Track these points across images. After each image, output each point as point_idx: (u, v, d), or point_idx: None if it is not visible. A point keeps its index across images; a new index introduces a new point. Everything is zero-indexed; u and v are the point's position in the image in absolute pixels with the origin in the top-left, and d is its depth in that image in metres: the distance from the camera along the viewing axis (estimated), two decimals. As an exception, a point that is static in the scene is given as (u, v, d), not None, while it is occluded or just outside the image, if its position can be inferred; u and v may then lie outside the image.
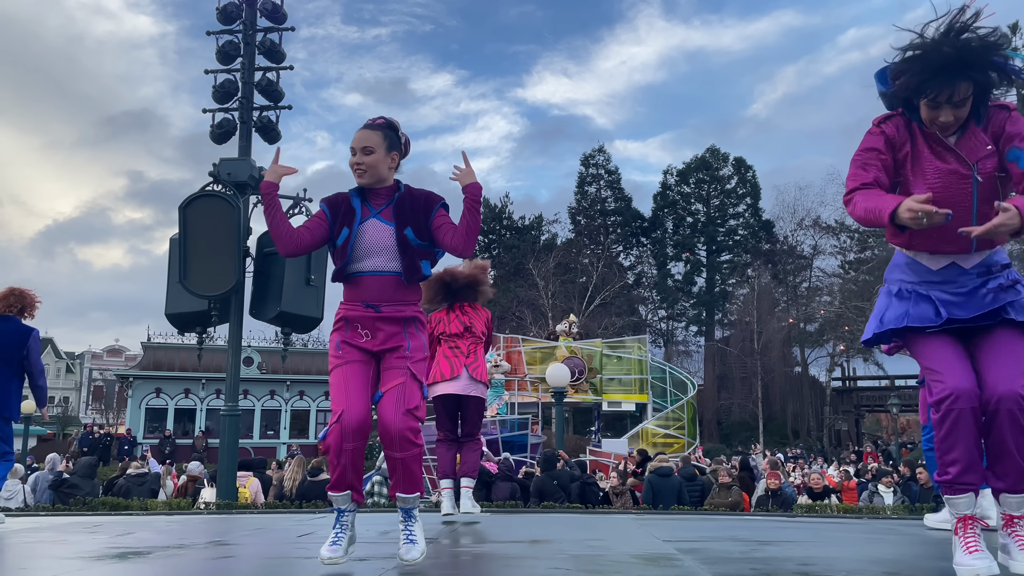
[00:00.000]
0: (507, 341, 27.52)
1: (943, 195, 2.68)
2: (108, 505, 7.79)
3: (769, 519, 6.93)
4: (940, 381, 2.66)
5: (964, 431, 2.61)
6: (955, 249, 2.77)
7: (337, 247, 3.33)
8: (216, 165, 10.07)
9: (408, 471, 3.19)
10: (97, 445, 23.93)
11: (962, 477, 2.64)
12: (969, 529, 2.66)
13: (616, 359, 27.08)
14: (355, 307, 3.31)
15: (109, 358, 62.72)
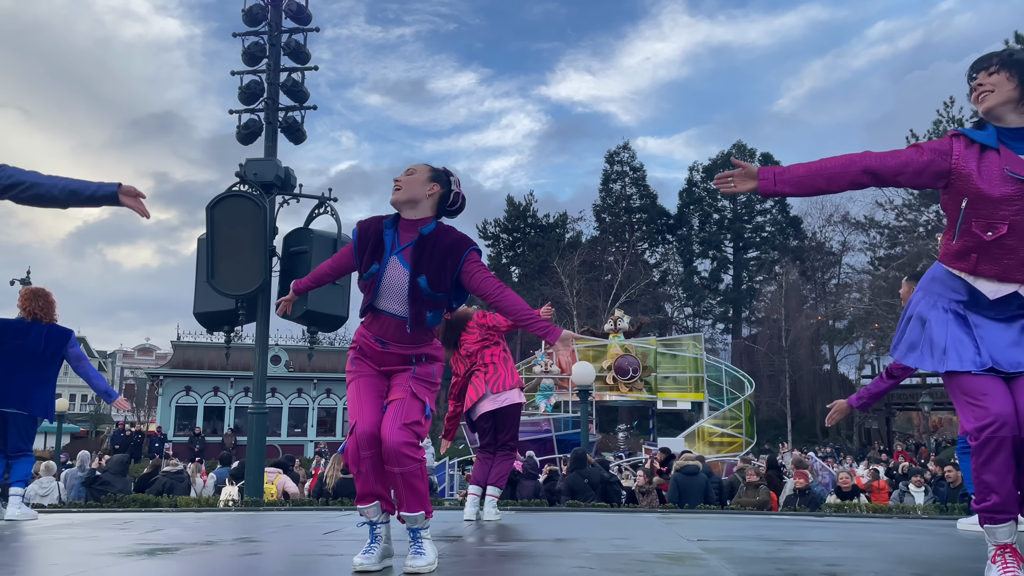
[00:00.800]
0: None
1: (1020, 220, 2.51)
2: (139, 502, 7.90)
3: (797, 519, 6.86)
4: (982, 407, 2.53)
5: (1005, 459, 2.51)
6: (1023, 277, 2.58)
7: (365, 281, 3.32)
8: (242, 166, 10.16)
9: (409, 486, 3.12)
10: (129, 442, 24.31)
11: (1001, 507, 2.54)
12: (1009, 557, 2.56)
13: (671, 357, 26.74)
14: (367, 339, 3.35)
15: (140, 357, 63.72)
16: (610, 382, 25.14)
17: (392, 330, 3.29)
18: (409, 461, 3.09)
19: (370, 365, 3.34)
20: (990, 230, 2.55)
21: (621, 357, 25.18)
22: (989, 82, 2.66)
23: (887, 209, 42.53)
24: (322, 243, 9.67)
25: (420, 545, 3.13)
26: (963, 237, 2.63)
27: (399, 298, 3.26)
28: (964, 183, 2.58)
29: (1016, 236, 2.53)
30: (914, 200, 40.97)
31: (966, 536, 4.85)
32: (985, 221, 2.55)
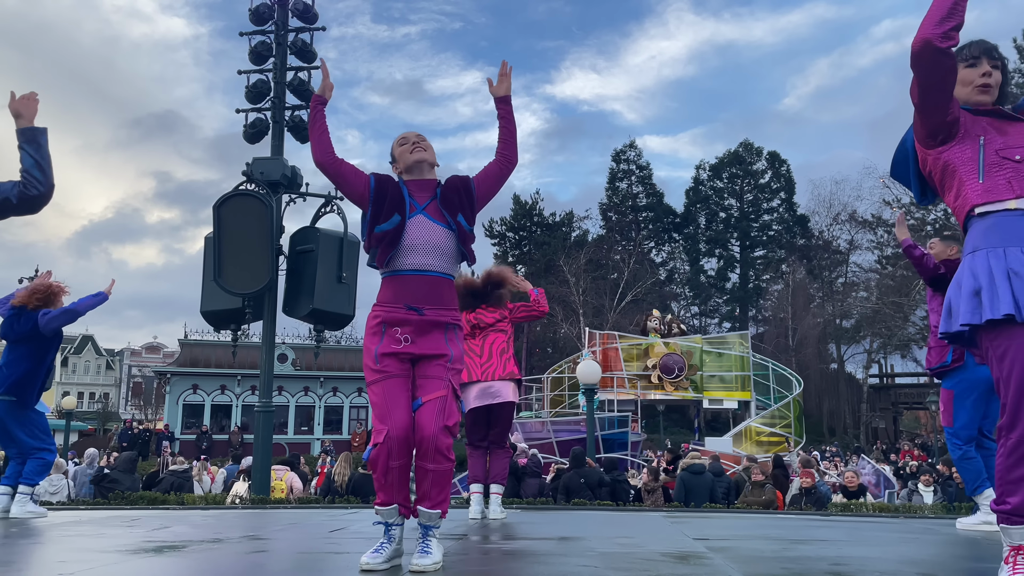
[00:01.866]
0: (603, 338, 27.13)
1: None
2: (146, 499, 7.94)
3: (803, 518, 6.85)
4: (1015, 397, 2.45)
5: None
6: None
7: (387, 231, 3.22)
8: (249, 164, 10.20)
9: (437, 485, 3.14)
10: (136, 440, 24.40)
11: (1021, 510, 2.47)
12: (1021, 560, 2.50)
13: (717, 355, 26.50)
14: (396, 309, 3.21)
15: (148, 355, 64.02)
16: (655, 381, 24.98)
17: (427, 291, 3.22)
18: (445, 461, 3.13)
19: (397, 361, 3.20)
20: (1018, 154, 2.65)
21: (667, 356, 25.02)
22: (995, 77, 2.78)
23: (895, 207, 42.35)
24: (328, 242, 9.70)
25: (428, 544, 3.13)
26: (992, 172, 2.66)
27: (437, 252, 3.25)
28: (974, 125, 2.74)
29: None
30: (922, 198, 40.69)
31: (971, 536, 4.83)
32: (1010, 149, 2.66)
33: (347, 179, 3.36)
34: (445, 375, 3.20)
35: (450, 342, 3.27)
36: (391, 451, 3.09)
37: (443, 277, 3.28)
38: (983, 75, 2.77)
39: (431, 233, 3.26)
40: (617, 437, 20.23)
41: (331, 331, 12.43)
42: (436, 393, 3.15)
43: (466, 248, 3.33)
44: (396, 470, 3.12)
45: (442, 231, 3.28)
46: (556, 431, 20.73)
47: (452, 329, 3.29)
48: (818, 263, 46.88)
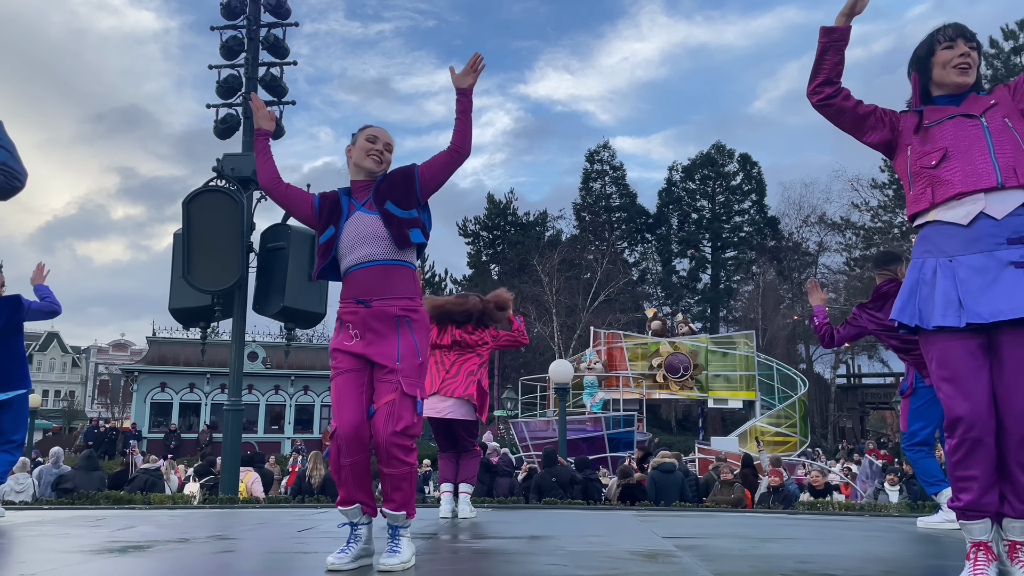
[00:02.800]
0: (608, 337, 27.03)
1: (955, 142, 2.71)
2: (111, 499, 7.82)
3: (770, 516, 6.92)
4: (955, 402, 2.51)
5: (980, 458, 2.49)
6: (982, 184, 2.62)
7: (321, 244, 3.35)
8: (220, 160, 10.08)
9: (396, 487, 3.13)
10: (103, 439, 24.03)
11: (976, 503, 2.52)
12: (981, 556, 2.54)
13: (721, 355, 26.36)
14: (347, 305, 3.27)
15: (115, 352, 63.05)
16: (660, 380, 24.92)
17: (372, 281, 3.22)
18: (400, 464, 3.10)
19: (350, 356, 3.20)
20: (933, 158, 2.75)
21: (672, 355, 24.84)
22: (974, 57, 2.83)
23: (863, 210, 43.01)
24: (300, 239, 9.62)
25: (397, 543, 3.12)
26: (918, 178, 2.80)
27: (372, 242, 3.26)
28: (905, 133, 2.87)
29: (956, 156, 2.71)
30: (889, 202, 41.46)
31: (934, 535, 4.92)
32: (927, 154, 2.77)
33: (293, 201, 3.49)
34: (394, 379, 3.15)
35: (401, 336, 3.20)
36: (341, 448, 3.11)
37: (386, 264, 3.25)
38: (961, 55, 2.80)
39: (364, 225, 3.29)
40: (623, 436, 20.21)
41: (302, 329, 12.35)
42: (385, 398, 3.14)
43: (397, 231, 3.26)
44: (348, 467, 3.12)
45: (375, 219, 3.30)
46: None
47: (404, 321, 3.22)
48: (788, 264, 47.42)
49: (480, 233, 52.59)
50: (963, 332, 2.56)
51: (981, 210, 2.62)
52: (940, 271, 2.65)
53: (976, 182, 2.63)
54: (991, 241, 2.60)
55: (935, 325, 2.58)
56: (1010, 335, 2.53)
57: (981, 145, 2.68)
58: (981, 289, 2.55)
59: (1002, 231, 2.60)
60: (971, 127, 2.73)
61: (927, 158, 2.75)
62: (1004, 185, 2.61)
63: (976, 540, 2.57)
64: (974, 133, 2.71)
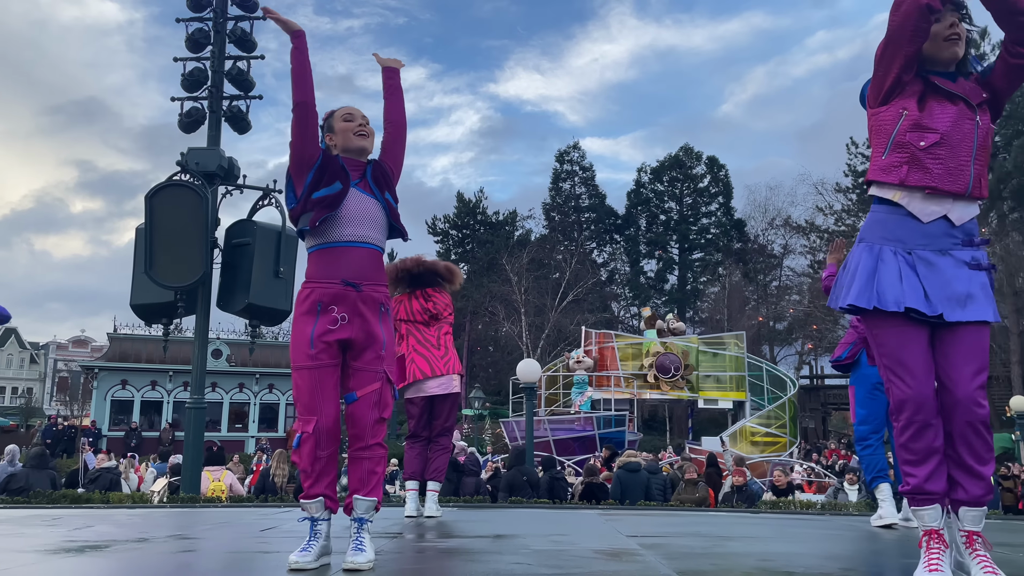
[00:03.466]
0: (599, 336, 26.86)
1: (951, 131, 2.65)
2: (69, 498, 7.67)
3: (733, 515, 7.00)
4: (903, 384, 2.56)
5: (928, 440, 2.54)
6: (956, 187, 2.62)
7: (328, 196, 3.16)
8: (184, 154, 9.93)
9: (373, 472, 3.15)
10: (61, 437, 23.54)
11: (925, 486, 2.56)
12: (933, 544, 2.55)
13: (712, 355, 26.37)
14: (332, 285, 3.13)
15: (74, 349, 61.81)
16: (651, 380, 24.88)
17: (364, 264, 3.19)
18: (379, 448, 3.16)
19: (330, 350, 3.12)
20: (926, 139, 2.65)
21: (663, 355, 24.79)
22: (962, 29, 2.74)
23: (827, 214, 43.72)
24: (266, 235, 9.51)
25: (361, 540, 3.08)
26: (895, 150, 2.71)
27: (374, 224, 3.25)
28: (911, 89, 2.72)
29: (947, 146, 2.64)
30: (852, 206, 42.18)
31: (893, 533, 5.01)
32: (923, 131, 2.66)
33: (311, 133, 3.26)
34: (380, 366, 3.18)
35: (383, 323, 3.24)
36: (319, 441, 3.07)
37: (379, 251, 3.29)
38: (950, 26, 2.72)
39: (367, 205, 3.26)
40: (614, 436, 20.22)
41: (267, 327, 12.20)
42: (371, 386, 3.15)
43: (398, 223, 3.36)
44: (324, 459, 3.10)
45: (376, 204, 3.30)
46: (553, 430, 20.64)
47: (385, 311, 3.27)
48: (753, 266, 48.03)
49: (449, 232, 52.50)
50: (915, 321, 2.61)
51: (944, 214, 2.66)
52: (901, 259, 2.65)
53: (952, 183, 2.64)
54: (948, 240, 2.66)
55: (905, 307, 2.58)
56: (957, 329, 2.60)
57: (968, 145, 2.66)
58: (940, 285, 2.60)
59: (958, 232, 2.68)
60: (967, 120, 2.68)
61: (919, 135, 2.66)
62: (971, 195, 2.66)
63: (927, 527, 2.58)
64: (968, 128, 2.67)
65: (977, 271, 2.65)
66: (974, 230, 2.70)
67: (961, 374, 2.56)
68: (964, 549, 2.60)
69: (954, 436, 2.56)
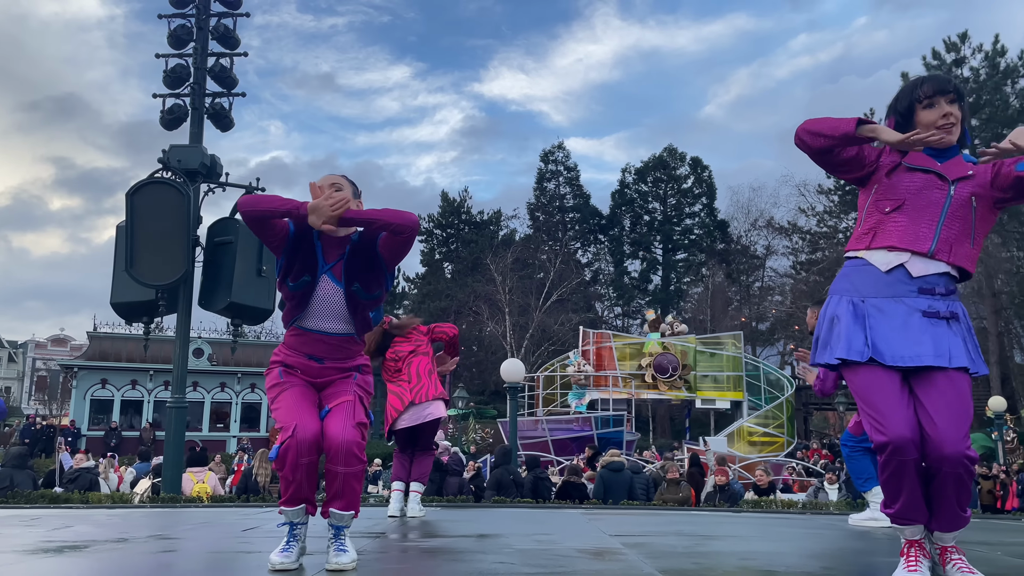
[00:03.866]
0: (597, 337, 26.67)
1: (915, 199, 2.72)
2: (47, 498, 7.59)
3: (716, 514, 7.04)
4: (881, 427, 2.57)
5: (908, 478, 2.58)
6: (916, 247, 2.71)
7: (292, 291, 3.20)
8: (166, 152, 9.85)
9: (349, 487, 3.12)
10: (39, 437, 23.28)
11: (907, 514, 2.65)
12: (913, 551, 2.68)
13: (710, 355, 26.17)
14: (296, 356, 3.29)
15: (54, 347, 61.09)
16: (649, 380, 24.74)
17: (328, 348, 3.27)
18: (356, 461, 3.11)
19: (300, 377, 3.27)
20: (888, 205, 2.77)
21: (660, 355, 24.60)
22: (955, 114, 2.76)
23: (809, 215, 44.04)
24: (248, 234, 9.44)
25: (342, 542, 3.10)
26: (868, 218, 2.84)
27: (336, 316, 3.25)
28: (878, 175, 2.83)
29: (908, 211, 2.74)
30: (834, 207, 42.50)
31: (873, 532, 5.05)
32: (886, 200, 2.78)
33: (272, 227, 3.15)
34: (351, 386, 3.25)
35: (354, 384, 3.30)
36: (300, 448, 3.04)
37: (345, 337, 3.30)
38: (944, 116, 2.74)
39: (330, 297, 3.23)
40: (612, 436, 20.17)
41: (249, 325, 12.11)
42: (343, 398, 3.18)
43: (361, 316, 3.25)
44: (305, 466, 3.08)
45: (340, 296, 3.24)
46: (552, 430, 20.58)
47: (356, 370, 3.35)
48: (736, 267, 48.28)
49: (434, 231, 52.41)
50: (882, 366, 2.65)
51: (902, 263, 2.72)
52: (853, 309, 2.74)
53: (911, 243, 2.71)
54: (903, 288, 2.72)
55: (837, 357, 2.68)
56: (922, 378, 2.63)
57: (935, 211, 2.72)
58: (891, 331, 2.66)
59: (915, 283, 2.72)
60: (936, 190, 2.74)
61: (884, 203, 2.78)
62: (934, 256, 2.71)
63: (909, 539, 2.70)
64: (936, 197, 2.73)
65: (935, 319, 2.67)
66: (937, 284, 2.72)
67: (941, 427, 2.55)
68: (939, 561, 2.72)
69: (938, 483, 2.59)
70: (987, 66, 37.03)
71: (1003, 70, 36.98)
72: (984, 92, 36.25)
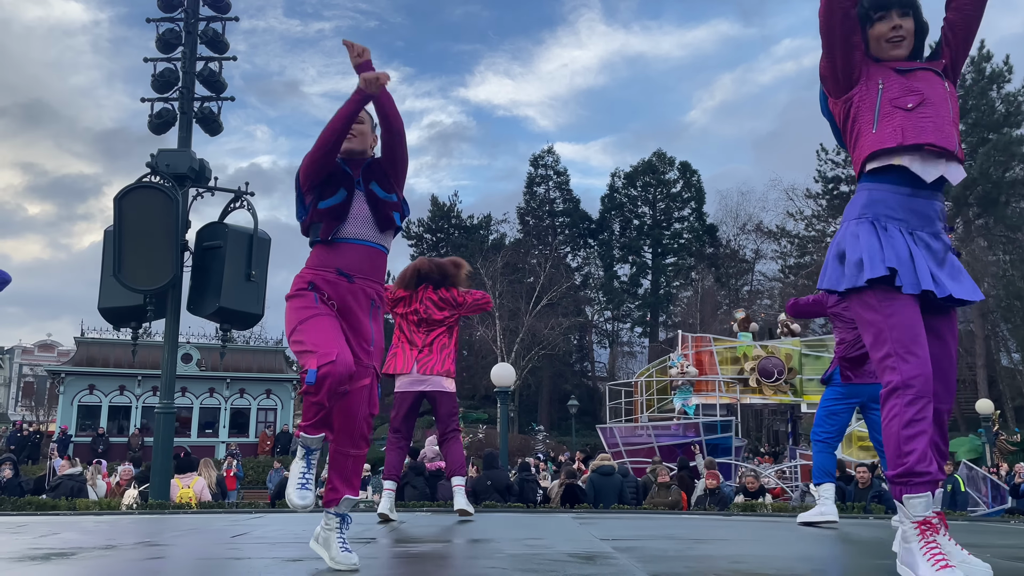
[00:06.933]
0: (696, 341, 26.26)
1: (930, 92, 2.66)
2: (34, 505, 7.52)
3: (706, 518, 7.04)
4: (916, 361, 2.47)
5: (928, 415, 2.47)
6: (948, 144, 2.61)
7: (335, 205, 3.23)
8: (154, 156, 9.80)
9: (357, 471, 3.19)
10: (26, 443, 23.11)
11: (919, 466, 2.42)
12: (931, 537, 2.41)
13: (815, 358, 25.73)
14: (326, 272, 3.19)
15: (40, 353, 60.67)
16: (753, 384, 24.14)
17: (360, 260, 3.23)
18: (366, 446, 3.19)
19: (328, 306, 3.14)
20: (911, 100, 2.65)
21: (765, 359, 23.84)
22: (906, 27, 2.72)
23: (798, 220, 44.29)
24: (237, 238, 9.42)
25: (345, 540, 3.11)
26: (884, 119, 2.67)
27: (367, 223, 3.27)
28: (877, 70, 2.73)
29: (931, 105, 2.65)
30: (822, 211, 42.76)
31: (863, 534, 5.07)
32: (906, 95, 2.66)
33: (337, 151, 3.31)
34: (368, 360, 3.19)
35: (374, 320, 3.26)
36: (341, 377, 2.90)
37: (378, 248, 3.31)
38: (893, 28, 2.70)
39: (362, 205, 3.31)
40: (720, 442, 19.87)
41: (238, 330, 12.07)
42: (362, 381, 3.13)
43: (381, 213, 3.30)
44: (341, 395, 2.95)
45: (362, 199, 3.32)
46: (658, 436, 20.26)
47: (376, 308, 3.29)
48: (725, 271, 48.46)
49: (424, 235, 52.38)
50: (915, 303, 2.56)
51: (942, 175, 2.63)
52: (909, 239, 2.61)
53: (945, 140, 2.62)
54: (938, 224, 2.69)
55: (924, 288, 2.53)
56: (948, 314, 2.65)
57: (947, 106, 2.66)
58: (938, 267, 2.60)
59: (940, 217, 2.69)
60: (938, 84, 2.69)
61: (904, 99, 2.64)
62: (957, 156, 2.66)
63: (918, 517, 2.45)
64: (941, 91, 2.68)
65: (953, 254, 2.70)
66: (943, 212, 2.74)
67: (952, 360, 2.59)
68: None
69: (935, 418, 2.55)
70: (973, 71, 37.36)
71: (989, 75, 37.35)
72: (970, 97, 36.57)
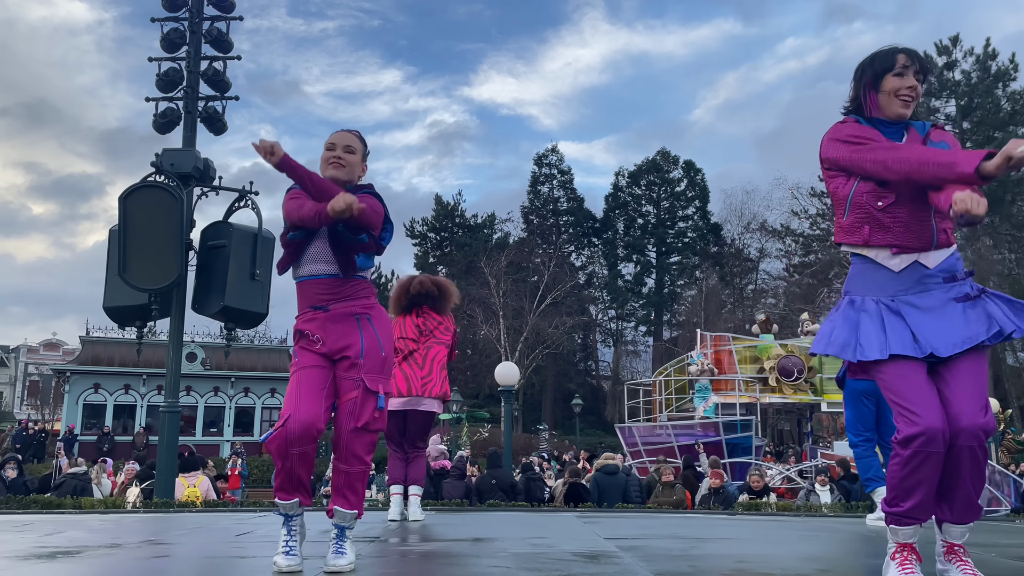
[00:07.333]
0: (715, 340, 25.93)
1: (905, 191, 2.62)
2: (40, 503, 7.53)
3: (710, 517, 7.04)
4: (914, 417, 2.51)
5: (930, 472, 2.52)
6: (919, 244, 2.64)
7: (294, 241, 3.25)
8: (159, 155, 9.82)
9: (351, 486, 3.14)
10: (32, 442, 23.18)
11: (914, 512, 2.57)
12: (906, 553, 2.61)
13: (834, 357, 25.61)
14: (305, 314, 3.26)
15: (46, 352, 60.80)
16: (773, 383, 23.92)
17: (325, 291, 3.22)
18: (358, 463, 3.11)
19: (314, 354, 3.18)
20: (882, 200, 2.65)
21: (785, 358, 23.70)
22: (918, 88, 2.73)
23: (802, 218, 44.16)
24: (242, 237, 9.42)
25: (342, 545, 3.10)
26: (854, 211, 2.70)
27: (325, 257, 3.23)
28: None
29: (904, 204, 2.63)
30: (827, 210, 42.61)
31: (867, 533, 5.06)
32: (875, 194, 2.65)
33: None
34: (356, 375, 3.15)
35: (363, 331, 3.21)
36: (290, 437, 3.00)
37: (335, 278, 3.24)
38: (909, 87, 2.71)
39: (320, 241, 3.25)
40: (741, 441, 19.74)
41: (243, 330, 12.12)
42: (348, 395, 3.14)
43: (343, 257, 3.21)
44: (297, 456, 3.03)
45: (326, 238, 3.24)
46: (677, 435, 20.17)
47: (364, 318, 3.25)
48: (730, 270, 48.35)
49: (428, 235, 52.40)
50: (913, 359, 2.60)
51: (915, 260, 2.66)
52: (883, 307, 2.66)
53: (914, 240, 2.64)
54: (929, 281, 2.67)
55: (891, 354, 2.58)
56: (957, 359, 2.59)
57: (925, 200, 2.61)
58: (930, 324, 2.60)
59: (936, 273, 2.67)
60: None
61: (876, 196, 2.66)
62: (937, 247, 2.66)
63: (903, 542, 2.62)
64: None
65: (967, 302, 2.64)
66: (955, 267, 2.69)
67: (965, 404, 2.54)
68: (943, 558, 2.63)
69: (953, 461, 2.55)
70: (978, 69, 37.27)
71: (994, 73, 37.23)
72: (976, 95, 36.47)
